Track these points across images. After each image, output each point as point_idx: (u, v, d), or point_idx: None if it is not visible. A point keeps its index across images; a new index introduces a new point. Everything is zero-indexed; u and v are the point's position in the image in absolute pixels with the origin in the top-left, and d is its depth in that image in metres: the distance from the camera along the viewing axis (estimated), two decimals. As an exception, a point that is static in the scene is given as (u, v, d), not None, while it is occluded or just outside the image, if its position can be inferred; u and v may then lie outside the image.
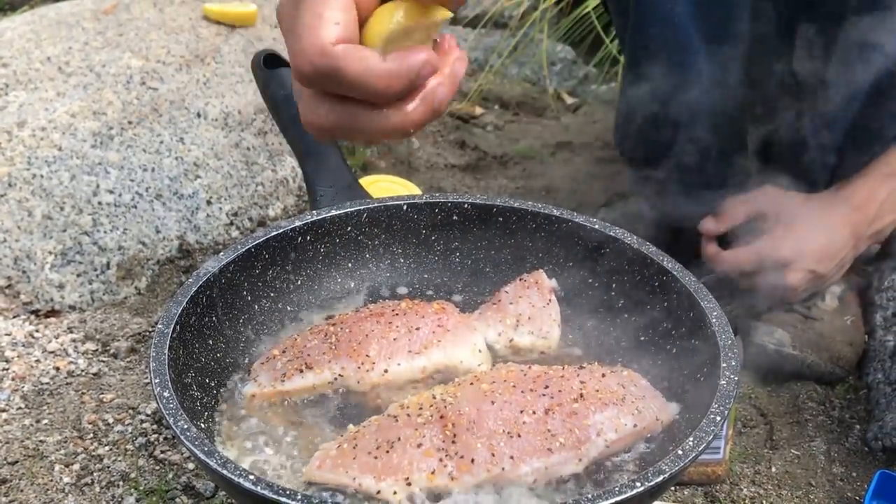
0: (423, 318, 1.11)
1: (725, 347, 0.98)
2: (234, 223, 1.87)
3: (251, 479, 0.80)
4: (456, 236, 1.26)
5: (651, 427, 0.98)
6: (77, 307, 1.70)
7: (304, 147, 1.31)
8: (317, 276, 1.22)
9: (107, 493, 1.31)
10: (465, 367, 1.08)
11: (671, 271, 1.10)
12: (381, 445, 0.92)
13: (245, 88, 1.98)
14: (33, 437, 1.39)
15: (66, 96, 1.84)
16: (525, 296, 1.16)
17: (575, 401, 0.96)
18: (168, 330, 0.98)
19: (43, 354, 1.57)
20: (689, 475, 1.36)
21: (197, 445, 0.84)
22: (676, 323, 1.08)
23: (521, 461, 0.90)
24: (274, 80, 1.36)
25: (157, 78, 1.92)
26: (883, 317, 1.63)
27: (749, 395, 1.57)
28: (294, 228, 1.19)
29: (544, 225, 1.23)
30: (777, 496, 1.36)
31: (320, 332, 1.10)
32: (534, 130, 2.55)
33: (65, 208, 1.72)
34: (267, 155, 1.96)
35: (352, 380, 1.05)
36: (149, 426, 1.43)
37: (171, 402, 0.89)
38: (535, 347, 1.13)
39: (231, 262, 1.11)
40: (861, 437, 1.48)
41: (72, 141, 1.78)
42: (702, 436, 0.88)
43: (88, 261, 1.72)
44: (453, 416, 0.93)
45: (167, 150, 1.84)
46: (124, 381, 1.53)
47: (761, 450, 1.46)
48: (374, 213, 1.24)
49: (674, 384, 1.05)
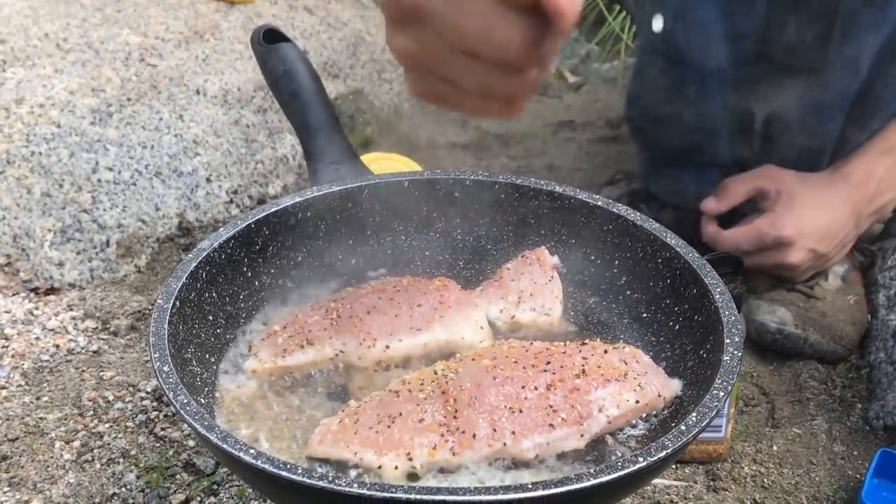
0: (424, 295, 1.10)
1: (729, 323, 0.98)
2: (233, 201, 1.86)
3: (252, 453, 0.80)
4: (458, 213, 1.25)
5: (653, 403, 0.98)
6: (77, 285, 1.69)
7: (304, 123, 1.29)
8: (317, 253, 1.21)
9: (107, 470, 1.31)
10: (466, 343, 1.08)
11: (674, 247, 1.09)
12: (382, 420, 0.91)
13: (245, 65, 1.96)
14: (33, 413, 1.39)
15: (65, 73, 1.83)
16: (527, 272, 1.16)
17: (577, 377, 0.95)
18: (167, 305, 0.98)
19: (43, 332, 1.57)
20: (690, 453, 1.36)
21: (197, 420, 0.84)
22: (679, 299, 1.08)
23: (522, 436, 0.90)
24: (273, 55, 1.34)
25: (155, 54, 1.90)
26: (886, 296, 1.63)
27: (751, 373, 1.57)
28: (294, 204, 1.18)
29: (546, 202, 1.22)
30: (778, 474, 1.36)
31: (321, 308, 1.10)
32: (535, 109, 2.54)
33: (64, 186, 1.71)
34: (267, 132, 1.95)
35: (353, 356, 1.05)
36: (149, 403, 1.43)
37: (171, 377, 0.88)
38: (536, 324, 1.12)
39: (231, 237, 1.11)
40: (862, 415, 1.48)
41: (70, 118, 1.76)
42: (705, 412, 0.87)
43: (88, 238, 1.71)
44: (455, 391, 0.93)
45: (166, 128, 1.83)
46: (124, 359, 1.52)
47: (763, 428, 1.46)
48: (375, 189, 1.23)
49: (676, 361, 1.04)
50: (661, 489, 1.32)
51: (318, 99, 1.29)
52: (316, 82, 1.30)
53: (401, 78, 2.30)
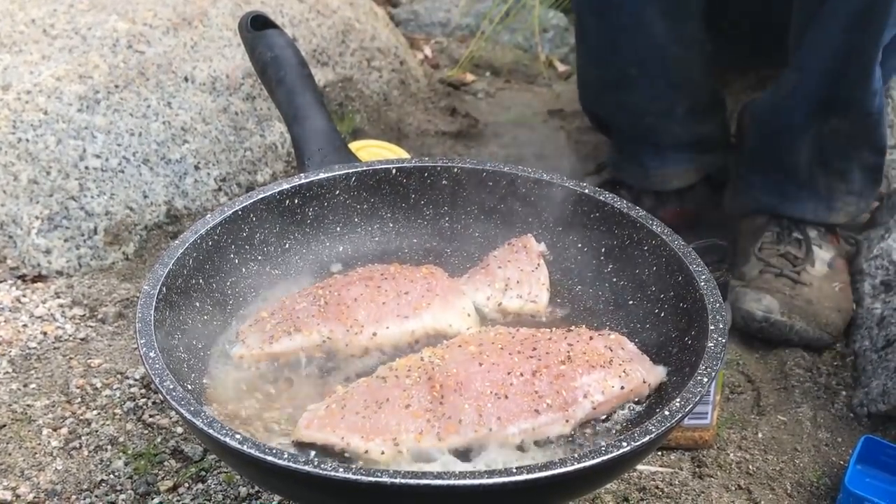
0: (411, 283, 1.11)
1: (713, 310, 0.98)
2: (222, 189, 1.86)
3: (237, 438, 0.80)
4: (445, 201, 1.25)
5: (638, 390, 0.98)
6: (64, 272, 1.69)
7: (293, 110, 1.29)
8: (305, 240, 1.21)
9: (95, 457, 1.31)
10: (454, 330, 1.08)
11: (660, 235, 1.10)
12: (369, 406, 0.92)
13: (233, 52, 1.96)
14: (21, 401, 1.39)
15: (52, 59, 1.82)
16: (514, 260, 1.16)
17: (562, 363, 0.96)
18: (154, 291, 0.98)
19: (30, 319, 1.57)
20: (676, 440, 1.37)
21: (183, 405, 0.84)
22: (665, 287, 1.08)
23: (508, 422, 0.90)
24: (261, 42, 1.34)
25: (143, 41, 1.89)
26: (871, 285, 1.64)
27: (737, 361, 1.58)
28: (282, 191, 1.18)
29: (533, 189, 1.22)
30: (763, 461, 1.37)
31: (309, 295, 1.10)
32: (525, 98, 2.54)
33: (51, 173, 1.71)
34: (255, 120, 1.94)
35: (340, 343, 1.05)
36: (137, 391, 1.43)
37: (157, 363, 0.89)
38: (523, 311, 1.13)
39: (218, 224, 1.11)
40: (847, 403, 1.49)
41: (57, 105, 1.76)
42: (689, 397, 0.88)
43: (75, 226, 1.70)
44: (441, 377, 0.93)
45: (154, 115, 1.82)
46: (112, 347, 1.52)
47: (748, 415, 1.47)
48: (362, 176, 1.23)
49: (662, 348, 1.05)
50: (647, 475, 1.33)
51: (306, 85, 1.29)
52: (304, 69, 1.30)
53: (390, 66, 2.29)
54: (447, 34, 2.82)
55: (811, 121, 1.57)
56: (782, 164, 1.65)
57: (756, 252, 1.66)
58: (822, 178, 1.64)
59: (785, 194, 1.67)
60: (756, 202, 1.71)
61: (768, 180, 1.68)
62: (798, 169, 1.64)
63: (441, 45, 2.73)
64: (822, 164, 1.63)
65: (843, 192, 1.66)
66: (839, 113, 1.56)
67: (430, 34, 2.82)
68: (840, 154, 1.61)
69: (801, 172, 1.64)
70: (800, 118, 1.58)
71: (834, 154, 1.62)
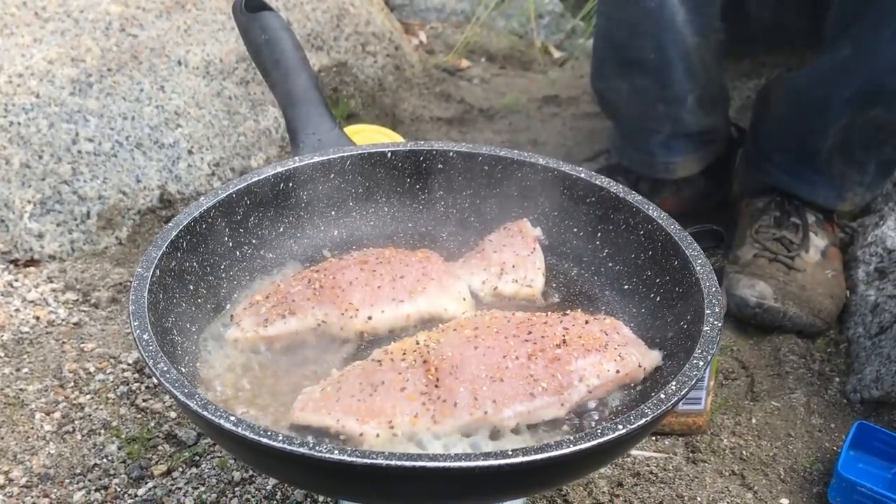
0: (407, 266, 1.10)
1: (709, 294, 0.98)
2: (215, 173, 1.85)
3: (232, 420, 0.80)
4: (440, 185, 1.25)
5: (633, 374, 0.98)
6: (57, 257, 1.68)
7: (286, 92, 1.28)
8: (299, 224, 1.20)
9: (88, 441, 1.31)
10: (449, 314, 1.08)
11: (656, 220, 1.10)
12: (364, 389, 0.91)
13: (227, 36, 1.94)
14: (13, 385, 1.38)
15: (44, 42, 1.80)
16: (509, 244, 1.16)
17: (557, 346, 0.96)
18: (147, 273, 0.97)
19: (22, 304, 1.56)
20: (670, 425, 1.37)
21: (177, 388, 0.83)
22: (660, 271, 1.08)
23: (503, 405, 0.90)
24: (255, 24, 1.32)
25: (136, 24, 1.88)
26: (865, 272, 1.64)
27: (731, 347, 1.58)
28: (276, 174, 1.17)
29: (529, 174, 1.21)
30: (756, 446, 1.37)
31: (304, 278, 1.09)
32: (520, 84, 2.53)
33: (43, 157, 1.69)
34: (249, 104, 1.93)
35: (335, 326, 1.05)
36: (130, 375, 1.42)
37: (151, 345, 0.88)
38: (518, 295, 1.12)
39: (212, 207, 1.10)
40: (840, 389, 1.50)
41: (49, 88, 1.74)
42: (684, 381, 0.88)
43: (68, 210, 1.69)
44: (436, 360, 0.93)
45: (147, 99, 1.81)
46: (105, 331, 1.51)
47: (742, 401, 1.47)
48: (357, 160, 1.22)
49: (657, 332, 1.05)
50: (642, 460, 1.33)
51: (300, 68, 1.27)
52: (298, 51, 1.29)
53: (385, 51, 2.28)
54: (442, 19, 2.81)
55: (849, 108, 1.57)
56: (804, 145, 1.65)
57: (752, 234, 1.66)
58: (839, 165, 1.64)
59: (800, 175, 1.67)
60: (769, 179, 1.71)
61: (786, 159, 1.68)
62: (818, 153, 1.64)
63: (436, 31, 2.72)
64: (844, 152, 1.63)
65: (855, 182, 1.66)
66: (883, 105, 1.55)
67: (426, 19, 2.81)
68: (864, 145, 1.62)
69: (820, 157, 1.64)
70: (838, 104, 1.57)
71: (859, 144, 1.62)
